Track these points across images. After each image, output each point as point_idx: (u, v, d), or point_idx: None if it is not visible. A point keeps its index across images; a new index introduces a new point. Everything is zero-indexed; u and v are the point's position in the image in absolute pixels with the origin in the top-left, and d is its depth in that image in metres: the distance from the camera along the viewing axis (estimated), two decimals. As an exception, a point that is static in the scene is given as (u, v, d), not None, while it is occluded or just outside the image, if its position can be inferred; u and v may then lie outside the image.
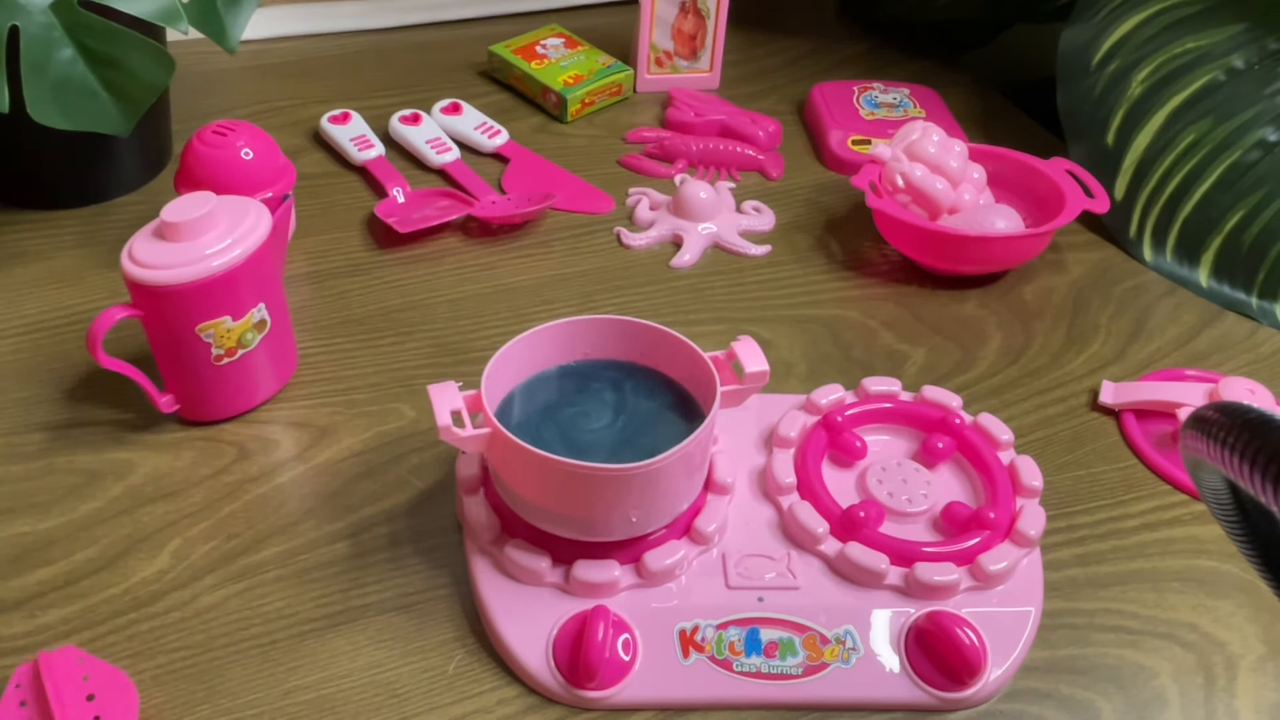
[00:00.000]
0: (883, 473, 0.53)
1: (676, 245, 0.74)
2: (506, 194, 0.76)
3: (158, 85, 0.64)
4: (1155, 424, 0.61)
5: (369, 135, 0.80)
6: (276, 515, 0.54)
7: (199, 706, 0.46)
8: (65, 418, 0.58)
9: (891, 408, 0.57)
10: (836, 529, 0.50)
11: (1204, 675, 0.49)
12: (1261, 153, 0.72)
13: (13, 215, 0.73)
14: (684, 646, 0.47)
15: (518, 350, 0.49)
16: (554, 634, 0.47)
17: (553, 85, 0.85)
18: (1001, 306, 0.70)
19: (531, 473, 0.46)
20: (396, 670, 0.47)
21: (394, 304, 0.67)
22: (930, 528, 0.52)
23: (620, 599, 0.48)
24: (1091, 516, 0.56)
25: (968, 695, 0.46)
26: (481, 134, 0.81)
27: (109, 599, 0.50)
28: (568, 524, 0.47)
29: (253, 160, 0.63)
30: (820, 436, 0.55)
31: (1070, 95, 0.78)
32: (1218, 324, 0.70)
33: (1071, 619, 0.51)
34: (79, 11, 0.60)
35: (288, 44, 0.94)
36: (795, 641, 0.47)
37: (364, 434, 0.58)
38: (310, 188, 0.76)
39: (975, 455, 0.54)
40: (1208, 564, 0.54)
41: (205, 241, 0.52)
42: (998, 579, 0.49)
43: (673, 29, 0.88)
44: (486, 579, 0.49)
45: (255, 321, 0.55)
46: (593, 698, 0.46)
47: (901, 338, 0.67)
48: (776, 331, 0.67)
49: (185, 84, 0.84)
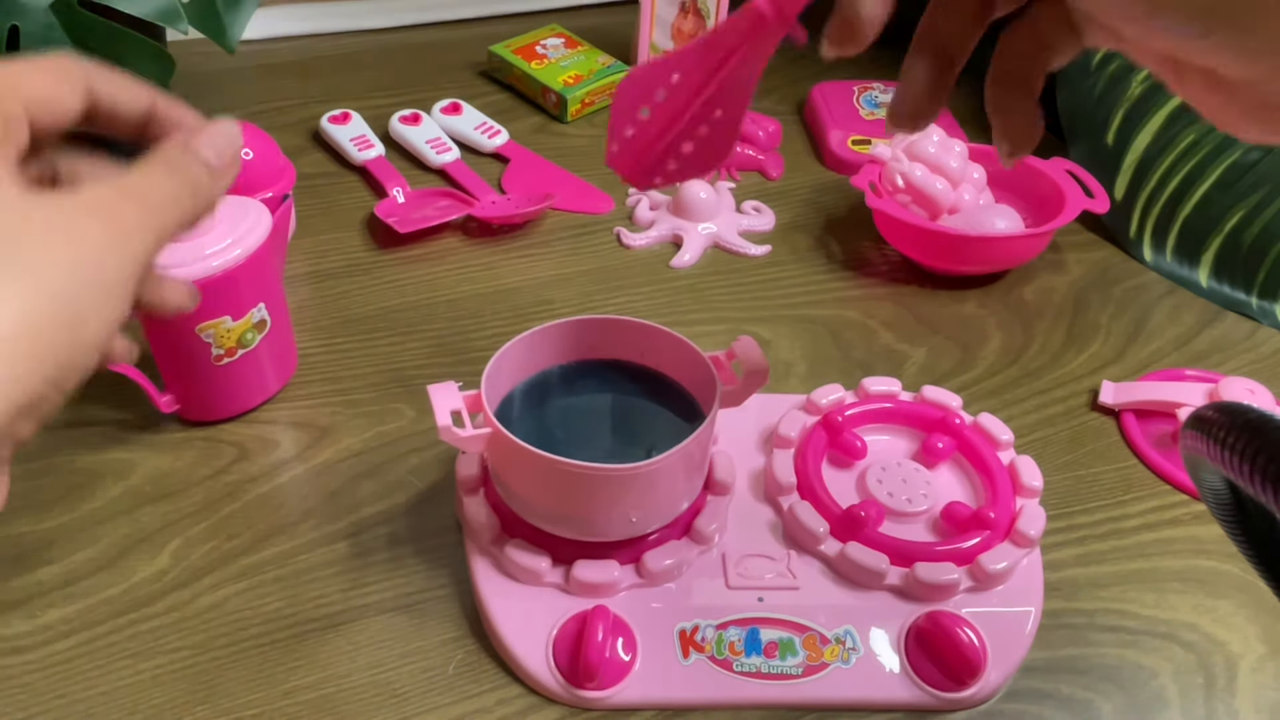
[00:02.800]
0: (883, 473, 0.53)
1: (676, 245, 0.74)
2: (506, 194, 0.76)
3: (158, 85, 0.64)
4: (1155, 424, 0.61)
5: (369, 135, 0.80)
6: (276, 515, 0.54)
7: (199, 706, 0.46)
8: (65, 418, 0.58)
9: (891, 408, 0.57)
10: (836, 529, 0.50)
11: (1204, 675, 0.49)
12: (1261, 153, 0.72)
13: (13, 215, 0.73)
14: (684, 646, 0.47)
15: (518, 350, 0.49)
16: (554, 634, 0.47)
17: (553, 85, 0.85)
18: (1001, 306, 0.70)
19: (531, 473, 0.46)
20: (396, 670, 0.47)
21: (394, 304, 0.67)
22: (930, 528, 0.52)
23: (620, 599, 0.48)
24: (1091, 516, 0.56)
25: (968, 695, 0.46)
26: (481, 134, 0.81)
27: (109, 599, 0.50)
28: (567, 524, 0.47)
29: (253, 160, 0.63)
30: (820, 436, 0.55)
31: (1070, 95, 0.78)
32: (1218, 324, 0.70)
33: (1071, 619, 0.51)
34: (79, 11, 0.60)
35: (288, 44, 0.94)
36: (795, 641, 0.47)
37: (364, 434, 0.58)
38: (310, 188, 0.76)
39: (975, 455, 0.54)
40: (1208, 564, 0.54)
41: (205, 241, 0.52)
42: (998, 579, 0.49)
43: (673, 29, 0.88)
44: (486, 579, 0.49)
45: (255, 321, 0.55)
46: (593, 698, 0.46)
47: (901, 338, 0.67)
48: (776, 331, 0.67)
49: (185, 84, 0.84)
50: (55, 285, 0.28)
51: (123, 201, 0.31)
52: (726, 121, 0.38)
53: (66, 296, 0.28)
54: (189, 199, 0.33)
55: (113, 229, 0.30)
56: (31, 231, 0.28)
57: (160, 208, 0.32)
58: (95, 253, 0.29)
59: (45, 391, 0.28)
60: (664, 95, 0.38)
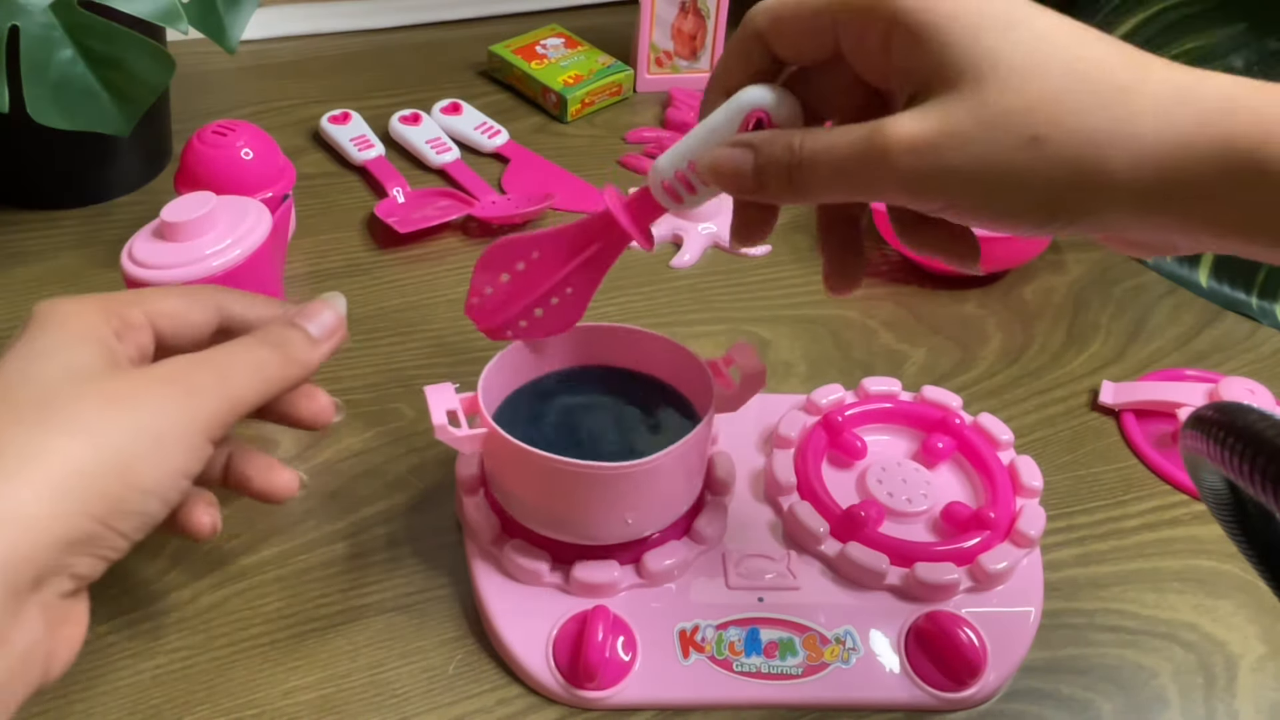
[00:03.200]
0: (883, 473, 0.53)
1: (676, 245, 0.74)
2: (506, 194, 0.76)
3: (158, 85, 0.64)
4: (1155, 424, 0.61)
5: (369, 135, 0.80)
6: (276, 515, 0.54)
7: (199, 706, 0.46)
8: (65, 418, 0.58)
9: (891, 408, 0.57)
10: (836, 529, 0.50)
11: (1204, 675, 0.49)
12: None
13: (13, 215, 0.73)
14: (684, 647, 0.47)
15: (515, 355, 0.49)
16: (554, 634, 0.47)
17: (553, 85, 0.85)
18: (1001, 306, 0.70)
19: (527, 474, 0.46)
20: (396, 670, 0.47)
21: (394, 304, 0.67)
22: (930, 528, 0.52)
23: (620, 599, 0.48)
24: (1091, 516, 0.56)
25: (968, 695, 0.46)
26: (481, 134, 0.81)
27: (109, 599, 0.50)
28: (564, 527, 0.47)
29: (253, 160, 0.63)
30: (820, 437, 0.55)
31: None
32: (1218, 324, 0.70)
33: (1071, 619, 0.51)
34: (79, 11, 0.60)
35: (288, 44, 0.94)
36: (795, 641, 0.47)
37: (364, 434, 0.58)
38: (310, 188, 0.76)
39: (975, 455, 0.54)
40: (1208, 564, 0.54)
41: (205, 241, 0.52)
42: (998, 579, 0.49)
43: (673, 29, 0.88)
44: (486, 579, 0.49)
45: (255, 321, 0.55)
46: (592, 698, 0.46)
47: (901, 338, 0.67)
48: (776, 331, 0.67)
49: (185, 84, 0.84)
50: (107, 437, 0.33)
51: (194, 368, 0.36)
52: (576, 298, 0.45)
53: (116, 446, 0.33)
54: (277, 364, 0.38)
55: (177, 389, 0.35)
56: (100, 393, 0.34)
57: (234, 372, 0.37)
58: (153, 409, 0.34)
59: (93, 529, 0.33)
60: (523, 267, 0.45)
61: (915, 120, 0.31)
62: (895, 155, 0.31)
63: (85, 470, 0.32)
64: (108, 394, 0.34)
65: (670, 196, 0.39)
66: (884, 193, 0.33)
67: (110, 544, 0.34)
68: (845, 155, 0.32)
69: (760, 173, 0.35)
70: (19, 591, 0.32)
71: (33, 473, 0.32)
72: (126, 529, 0.34)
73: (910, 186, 0.32)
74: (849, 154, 0.32)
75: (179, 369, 0.36)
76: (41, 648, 0.34)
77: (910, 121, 0.31)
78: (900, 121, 0.31)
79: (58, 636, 0.35)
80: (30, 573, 0.32)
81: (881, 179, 0.32)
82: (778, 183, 0.34)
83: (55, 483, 0.32)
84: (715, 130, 0.37)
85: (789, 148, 0.34)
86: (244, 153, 0.63)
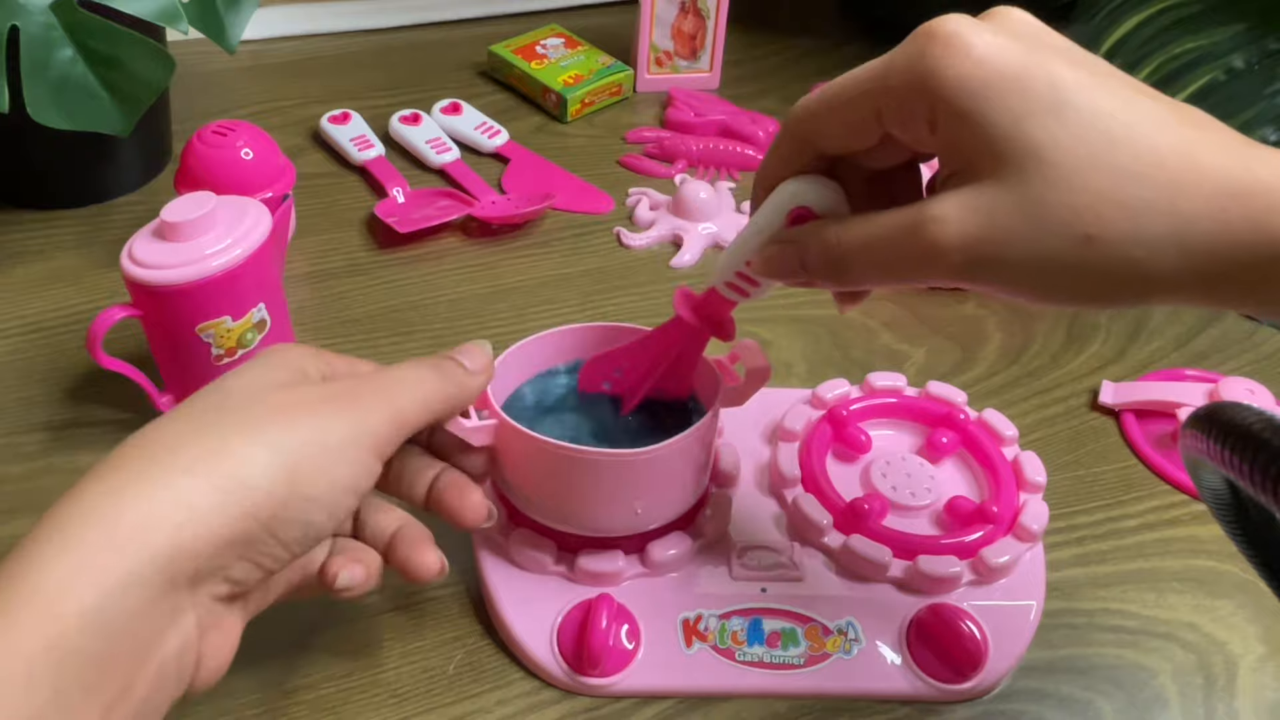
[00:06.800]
0: (887, 466, 0.54)
1: (676, 245, 0.74)
2: (506, 194, 0.77)
3: (158, 85, 0.64)
4: (1155, 424, 0.61)
5: (369, 135, 0.80)
6: (277, 515, 0.54)
7: (199, 706, 0.46)
8: (65, 418, 0.58)
9: (896, 403, 0.57)
10: (840, 522, 0.51)
11: (1204, 675, 0.49)
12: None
13: (13, 215, 0.73)
14: (687, 636, 0.47)
15: (521, 354, 0.50)
16: (558, 621, 0.47)
17: (553, 85, 0.85)
18: (1001, 306, 0.70)
19: (539, 464, 0.46)
20: (396, 670, 0.47)
21: (394, 304, 0.67)
22: (933, 522, 0.52)
23: (624, 588, 0.48)
24: (1091, 516, 0.56)
25: (969, 687, 0.46)
26: (481, 134, 0.81)
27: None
28: (575, 519, 0.48)
29: (253, 160, 0.63)
30: (825, 430, 0.55)
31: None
32: (1218, 324, 0.70)
33: (1071, 619, 0.51)
34: (79, 11, 0.60)
35: (288, 44, 0.94)
36: (798, 632, 0.47)
37: (364, 434, 0.58)
38: (310, 188, 0.76)
39: (979, 450, 0.54)
40: (1208, 564, 0.54)
41: (205, 241, 0.52)
42: (1000, 573, 0.49)
43: (673, 29, 0.88)
44: (492, 568, 0.49)
45: (255, 322, 0.55)
46: (596, 685, 0.46)
47: (901, 338, 0.67)
48: (776, 331, 0.67)
49: (185, 84, 0.84)
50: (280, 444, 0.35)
51: (361, 385, 0.39)
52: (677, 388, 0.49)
53: (287, 451, 0.35)
54: (436, 385, 0.41)
55: (344, 403, 0.38)
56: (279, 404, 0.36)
57: (399, 390, 0.40)
58: (321, 421, 0.36)
59: (255, 532, 0.34)
60: (620, 373, 0.49)
61: (960, 210, 0.31)
62: (942, 251, 0.31)
63: (255, 473, 0.34)
64: (285, 404, 0.36)
65: (737, 292, 0.42)
66: (931, 280, 0.33)
67: (269, 551, 0.35)
68: (886, 247, 0.33)
69: (806, 268, 0.36)
70: (177, 585, 0.32)
71: (207, 471, 0.33)
72: (287, 537, 0.35)
73: (957, 277, 0.32)
74: (889, 246, 0.33)
75: (348, 386, 0.39)
76: (192, 652, 0.34)
77: (955, 212, 0.31)
78: (945, 211, 0.31)
79: (207, 642, 0.35)
80: (190, 567, 0.33)
81: (927, 270, 0.32)
82: (824, 275, 0.36)
83: (225, 482, 0.33)
84: (762, 229, 0.38)
85: (828, 243, 0.35)
86: (244, 153, 0.63)
